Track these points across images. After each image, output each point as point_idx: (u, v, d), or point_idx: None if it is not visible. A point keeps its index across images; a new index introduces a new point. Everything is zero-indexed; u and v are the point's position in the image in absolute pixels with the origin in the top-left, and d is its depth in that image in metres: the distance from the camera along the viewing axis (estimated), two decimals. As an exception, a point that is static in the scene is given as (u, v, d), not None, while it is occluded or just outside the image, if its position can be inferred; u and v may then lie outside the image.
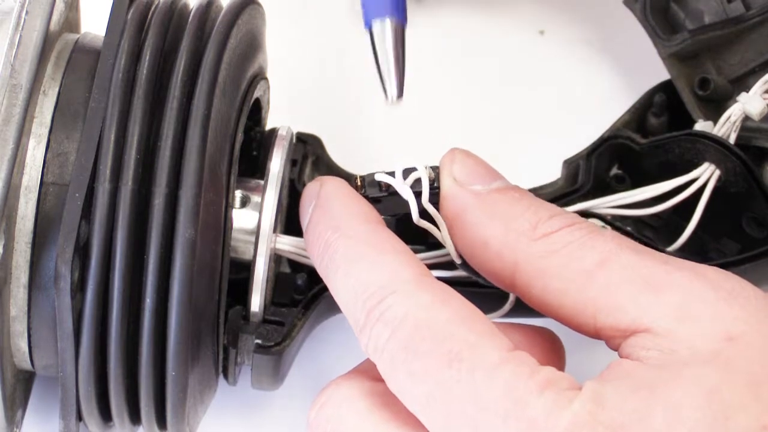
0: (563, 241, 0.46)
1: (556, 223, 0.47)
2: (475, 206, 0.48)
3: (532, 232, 0.47)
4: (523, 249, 0.46)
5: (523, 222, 0.47)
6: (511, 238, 0.47)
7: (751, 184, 0.55)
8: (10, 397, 0.50)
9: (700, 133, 0.56)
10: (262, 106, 0.56)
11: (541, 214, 0.47)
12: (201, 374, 0.50)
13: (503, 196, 0.48)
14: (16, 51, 0.48)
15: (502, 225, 0.47)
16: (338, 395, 0.46)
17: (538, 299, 0.46)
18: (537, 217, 0.47)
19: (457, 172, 0.49)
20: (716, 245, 0.57)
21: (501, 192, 0.48)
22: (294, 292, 0.53)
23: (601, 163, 0.59)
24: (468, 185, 0.48)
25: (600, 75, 0.67)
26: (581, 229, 0.46)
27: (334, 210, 0.48)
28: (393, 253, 0.46)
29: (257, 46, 0.53)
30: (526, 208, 0.47)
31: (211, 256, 0.49)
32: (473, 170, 0.49)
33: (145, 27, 0.50)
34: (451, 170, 0.49)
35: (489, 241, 0.47)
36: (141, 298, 0.47)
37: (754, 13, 0.59)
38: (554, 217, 0.47)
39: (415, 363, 0.43)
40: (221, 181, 0.49)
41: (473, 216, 0.48)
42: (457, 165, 0.49)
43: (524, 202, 0.48)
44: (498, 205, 0.48)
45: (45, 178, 0.49)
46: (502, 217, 0.47)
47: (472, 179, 0.49)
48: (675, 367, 0.42)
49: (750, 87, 0.57)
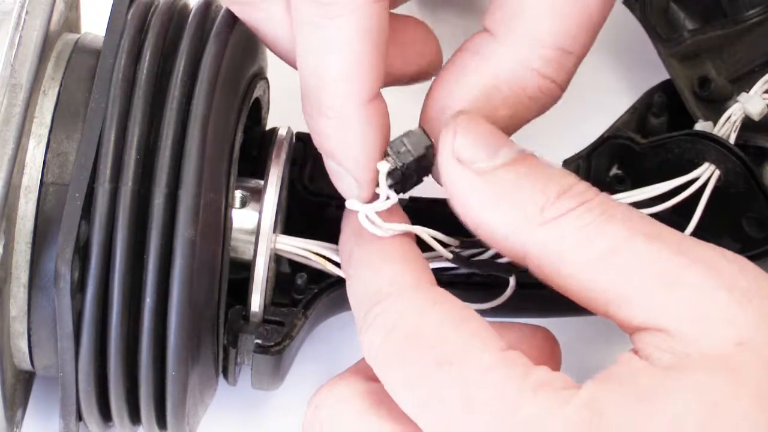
0: (572, 226, 0.44)
1: (564, 205, 0.44)
2: (479, 188, 0.46)
3: (540, 216, 0.44)
4: (531, 236, 0.45)
5: (530, 205, 0.45)
6: (519, 223, 0.45)
7: (751, 184, 0.55)
8: (10, 397, 0.50)
9: (700, 133, 0.56)
10: (262, 106, 0.56)
11: (549, 192, 0.45)
12: (201, 374, 0.50)
13: (509, 173, 0.46)
14: (16, 51, 0.48)
15: (508, 209, 0.45)
16: (334, 396, 0.46)
17: (550, 281, 0.45)
18: (545, 198, 0.45)
19: (459, 149, 0.46)
20: (716, 245, 0.57)
21: (507, 168, 0.46)
22: (294, 292, 0.53)
23: (600, 163, 0.58)
24: (471, 163, 0.46)
25: (600, 75, 0.67)
26: (591, 210, 0.44)
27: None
28: (398, 261, 0.46)
29: (257, 46, 0.53)
30: (532, 187, 0.45)
31: (211, 256, 0.49)
32: (477, 142, 0.46)
33: (145, 27, 0.50)
34: (452, 147, 0.46)
35: (496, 227, 0.45)
36: (141, 298, 0.47)
37: (754, 13, 0.59)
38: (563, 197, 0.45)
39: (407, 368, 0.43)
40: (221, 181, 0.49)
41: (478, 199, 0.46)
42: (459, 138, 0.46)
43: (531, 179, 0.45)
44: (503, 185, 0.45)
45: (45, 178, 0.49)
46: (508, 199, 0.45)
47: (475, 154, 0.46)
48: (681, 374, 0.41)
49: (750, 87, 0.57)
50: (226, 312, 0.51)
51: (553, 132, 0.65)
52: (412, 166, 0.48)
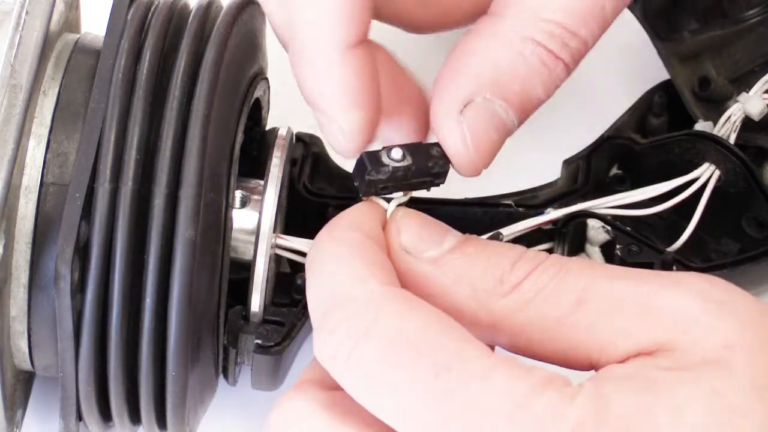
0: (533, 289, 0.44)
1: (520, 271, 0.45)
2: (435, 276, 0.46)
3: (501, 287, 0.45)
4: (497, 308, 0.45)
5: (488, 279, 0.45)
6: (482, 299, 0.45)
7: (751, 184, 0.55)
8: (10, 397, 0.50)
9: (700, 133, 0.56)
10: (262, 106, 0.56)
11: (503, 264, 0.45)
12: (201, 374, 0.50)
13: (459, 256, 0.46)
14: (16, 51, 0.48)
15: (468, 288, 0.45)
16: (296, 413, 0.44)
17: (525, 351, 0.45)
18: (500, 269, 0.45)
19: (405, 242, 0.47)
20: (716, 245, 0.57)
21: (455, 251, 0.46)
22: (294, 292, 0.53)
23: (600, 163, 0.59)
24: (420, 253, 0.46)
25: (600, 75, 0.67)
26: (547, 269, 0.45)
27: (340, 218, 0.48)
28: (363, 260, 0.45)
29: (257, 46, 0.53)
30: (485, 263, 0.46)
31: (211, 256, 0.49)
32: (420, 234, 0.47)
33: (145, 27, 0.50)
34: (399, 243, 0.47)
35: (461, 308, 0.45)
36: (141, 298, 0.47)
37: (754, 13, 0.59)
38: (516, 264, 0.45)
39: (395, 375, 0.42)
40: (221, 181, 0.49)
41: (437, 287, 0.46)
42: (404, 234, 0.47)
43: (482, 256, 0.46)
44: (457, 267, 0.46)
45: (45, 178, 0.49)
46: (465, 278, 0.46)
47: (422, 245, 0.46)
48: (677, 371, 0.41)
49: (750, 87, 0.57)
50: (226, 312, 0.51)
51: (554, 132, 0.65)
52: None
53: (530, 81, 0.48)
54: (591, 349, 0.44)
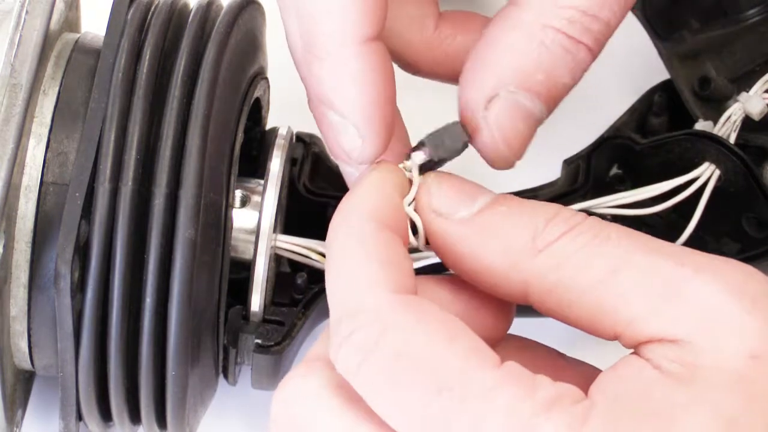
0: (567, 251, 0.43)
1: (555, 230, 0.44)
2: (466, 236, 0.45)
3: (533, 246, 0.44)
4: (529, 267, 0.44)
5: (521, 237, 0.44)
6: (513, 257, 0.44)
7: (751, 184, 0.55)
8: (10, 397, 0.50)
9: (700, 133, 0.56)
10: (262, 106, 0.56)
11: (536, 222, 0.44)
12: (201, 374, 0.50)
13: (491, 215, 0.45)
14: (16, 51, 0.48)
15: (500, 246, 0.44)
16: (305, 390, 0.43)
17: (554, 312, 0.44)
18: (534, 227, 0.44)
19: (436, 205, 0.46)
20: (716, 245, 0.57)
21: (488, 211, 0.45)
22: (294, 292, 0.53)
23: (601, 163, 0.59)
24: (452, 215, 0.45)
25: (600, 75, 0.67)
26: (583, 233, 0.44)
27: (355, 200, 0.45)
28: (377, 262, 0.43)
29: (257, 46, 0.53)
30: (518, 220, 0.45)
31: (211, 256, 0.49)
32: (452, 196, 0.46)
33: (145, 27, 0.50)
34: (429, 204, 0.46)
35: (492, 267, 0.44)
36: (141, 297, 0.47)
37: (754, 12, 0.59)
38: (551, 223, 0.44)
39: (397, 392, 0.41)
40: (221, 181, 0.49)
41: (467, 246, 0.45)
42: (435, 197, 0.46)
43: (515, 214, 0.45)
44: (489, 226, 0.45)
45: (45, 177, 0.49)
46: (498, 237, 0.44)
47: (454, 207, 0.45)
48: (696, 389, 0.40)
49: (750, 87, 0.57)
50: (226, 312, 0.51)
51: (554, 132, 0.65)
52: (446, 160, 0.47)
53: (554, 69, 0.47)
54: (619, 320, 0.43)
